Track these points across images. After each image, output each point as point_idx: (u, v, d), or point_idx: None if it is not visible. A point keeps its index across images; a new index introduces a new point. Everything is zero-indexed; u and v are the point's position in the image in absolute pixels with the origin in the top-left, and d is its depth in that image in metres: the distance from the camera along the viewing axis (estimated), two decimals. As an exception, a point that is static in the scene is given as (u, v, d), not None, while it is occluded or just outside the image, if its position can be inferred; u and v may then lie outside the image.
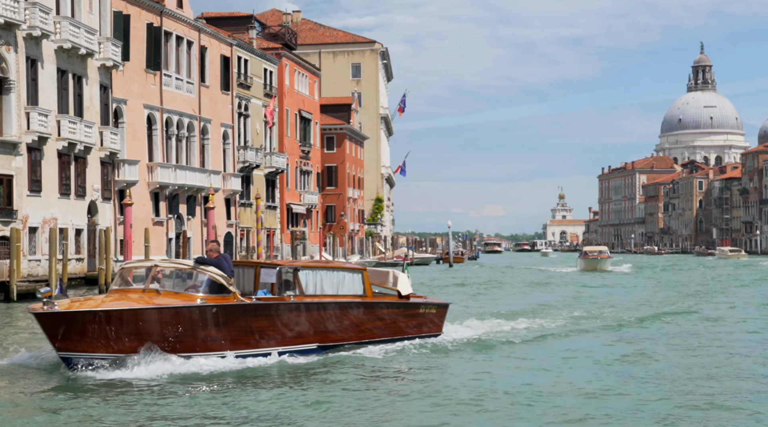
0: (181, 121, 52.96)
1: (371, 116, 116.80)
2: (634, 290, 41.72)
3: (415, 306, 19.43)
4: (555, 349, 18.73)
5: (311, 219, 77.85)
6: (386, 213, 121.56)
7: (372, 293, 18.47)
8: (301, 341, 16.88)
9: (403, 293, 19.11)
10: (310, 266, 17.66)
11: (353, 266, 18.89)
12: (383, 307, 18.69)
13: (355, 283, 18.08)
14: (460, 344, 18.97)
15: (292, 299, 16.64)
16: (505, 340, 19.69)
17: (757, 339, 20.69)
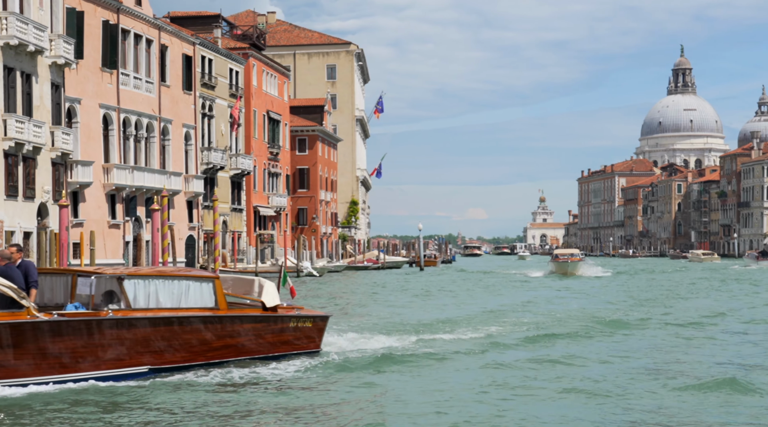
0: (140, 122, 51.71)
1: (346, 118, 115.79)
2: (592, 295, 40.04)
3: (283, 320, 16.94)
4: (442, 371, 16.15)
5: (280, 222, 76.66)
6: (362, 216, 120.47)
7: (226, 305, 16.07)
8: (127, 364, 14.45)
9: (268, 304, 16.66)
10: (142, 274, 15.22)
11: (202, 273, 16.37)
12: (240, 321, 16.18)
13: (203, 294, 15.67)
14: (340, 364, 16.45)
15: (111, 313, 14.27)
16: (399, 358, 17.18)
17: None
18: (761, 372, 16.07)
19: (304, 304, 33.46)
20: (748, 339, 21.49)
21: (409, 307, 32.72)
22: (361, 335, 20.73)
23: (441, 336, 21.20)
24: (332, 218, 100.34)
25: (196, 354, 15.41)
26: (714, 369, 16.38)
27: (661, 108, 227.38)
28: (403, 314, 28.95)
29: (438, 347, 19.10)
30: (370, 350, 18.15)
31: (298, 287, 46.89)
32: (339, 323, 23.39)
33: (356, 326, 23.28)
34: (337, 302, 36.31)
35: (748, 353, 18.74)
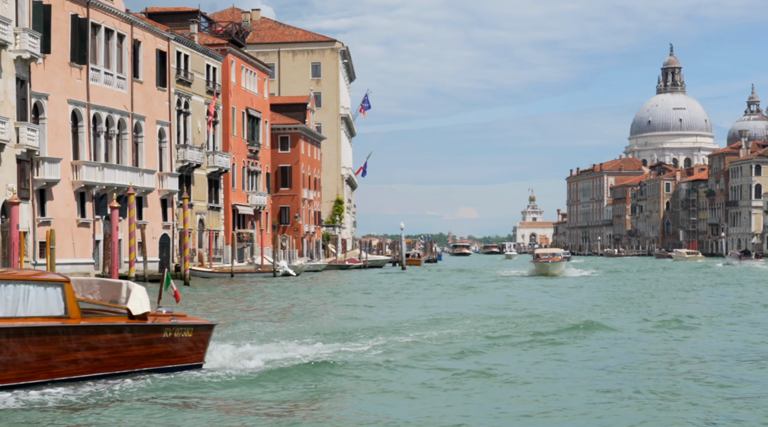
0: (111, 118, 50.69)
1: (331, 116, 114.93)
2: (563, 296, 38.63)
3: (153, 329, 14.81)
4: (336, 383, 14.67)
5: (260, 221, 75.66)
6: (347, 215, 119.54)
7: (79, 313, 13.93)
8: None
9: (135, 312, 14.58)
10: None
11: (48, 276, 14.15)
12: (96, 332, 14.07)
13: (48, 300, 13.59)
14: (223, 381, 14.52)
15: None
16: (291, 371, 15.39)
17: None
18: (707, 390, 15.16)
19: (261, 305, 32.38)
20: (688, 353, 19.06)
21: (368, 309, 31.62)
22: (266, 345, 18.43)
23: (361, 345, 19.21)
24: (316, 217, 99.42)
25: (35, 371, 13.37)
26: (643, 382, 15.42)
27: (651, 107, 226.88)
28: (354, 317, 27.58)
29: (349, 356, 17.33)
30: (264, 361, 16.21)
31: (269, 288, 46.20)
32: (261, 330, 21.84)
33: (278, 333, 21.15)
34: (291, 303, 35.20)
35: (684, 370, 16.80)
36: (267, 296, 39.69)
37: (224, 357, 16.52)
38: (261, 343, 18.86)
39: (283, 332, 21.55)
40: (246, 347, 17.94)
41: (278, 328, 23.04)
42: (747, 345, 20.16)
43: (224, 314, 28.70)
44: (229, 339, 19.06)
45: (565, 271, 61.24)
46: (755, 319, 26.72)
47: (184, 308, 31.47)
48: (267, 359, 16.53)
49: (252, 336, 20.27)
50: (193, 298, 37.34)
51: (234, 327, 22.90)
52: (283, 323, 25.03)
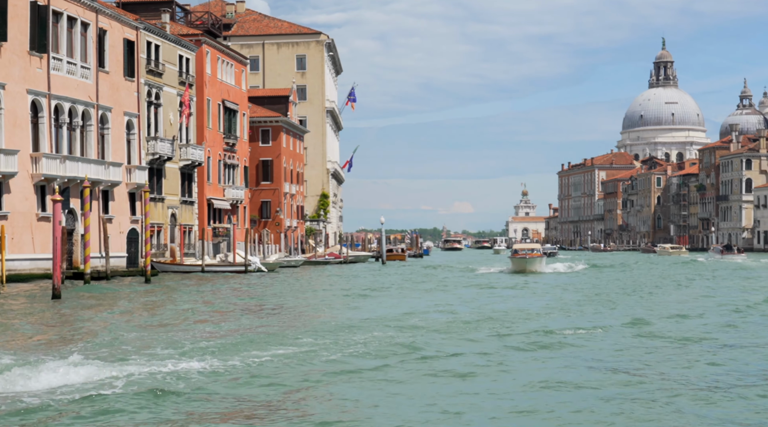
0: (75, 109, 49.08)
1: (317, 109, 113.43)
2: (523, 296, 36.28)
3: None
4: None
5: (237, 215, 74.12)
6: (333, 210, 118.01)
7: None
8: None
9: None
10: None
11: None
12: None
13: None
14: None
15: None
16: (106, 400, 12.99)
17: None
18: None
19: (193, 306, 29.97)
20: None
21: (311, 309, 30.10)
22: (115, 362, 16.11)
23: (235, 359, 16.77)
24: (299, 212, 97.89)
25: None
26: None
27: (643, 101, 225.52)
28: (277, 321, 25.93)
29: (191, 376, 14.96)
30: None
31: (230, 285, 44.61)
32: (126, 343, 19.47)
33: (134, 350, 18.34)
34: (233, 303, 33.63)
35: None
36: (216, 293, 38.24)
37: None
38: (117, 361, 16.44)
39: (144, 345, 18.94)
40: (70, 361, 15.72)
41: (151, 338, 20.55)
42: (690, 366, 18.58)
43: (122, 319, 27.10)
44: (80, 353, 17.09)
45: (545, 267, 58.77)
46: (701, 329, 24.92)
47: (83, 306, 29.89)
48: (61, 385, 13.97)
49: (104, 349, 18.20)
50: (125, 297, 35.89)
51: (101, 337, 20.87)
52: (183, 333, 22.18)
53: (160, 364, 15.95)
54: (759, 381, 14.93)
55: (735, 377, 15.27)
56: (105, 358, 16.88)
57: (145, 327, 23.36)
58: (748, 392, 13.84)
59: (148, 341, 20.01)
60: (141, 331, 22.28)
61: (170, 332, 22.13)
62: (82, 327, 23.64)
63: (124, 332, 21.88)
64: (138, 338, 20.64)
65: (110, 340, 20.17)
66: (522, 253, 58.58)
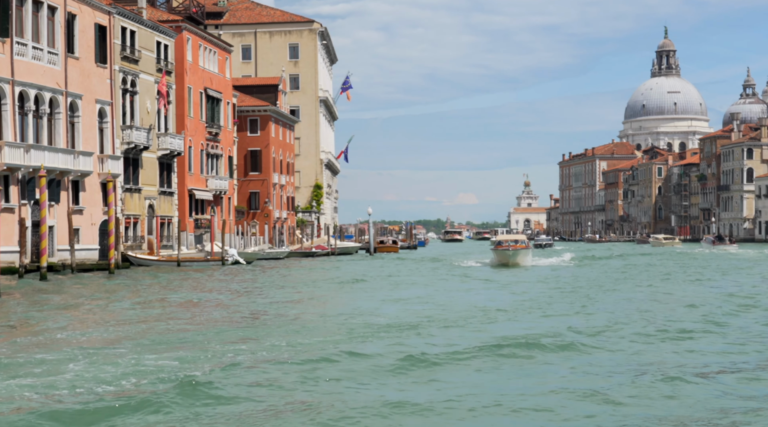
0: (41, 96, 47.30)
1: (310, 99, 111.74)
2: (499, 291, 33.66)
3: None
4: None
5: (221, 206, 72.36)
6: (327, 200, 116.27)
7: None
8: None
9: None
10: None
11: None
12: None
13: None
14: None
15: None
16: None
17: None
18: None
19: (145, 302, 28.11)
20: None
21: (249, 305, 28.28)
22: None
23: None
24: (289, 202, 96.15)
25: None
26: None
27: (645, 91, 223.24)
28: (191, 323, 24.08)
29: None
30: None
31: (201, 277, 42.84)
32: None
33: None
34: (185, 298, 31.93)
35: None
36: (173, 287, 36.49)
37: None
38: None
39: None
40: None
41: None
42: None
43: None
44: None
45: (530, 260, 55.27)
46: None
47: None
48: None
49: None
50: (72, 292, 34.18)
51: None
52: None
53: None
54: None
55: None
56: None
57: (47, 331, 21.29)
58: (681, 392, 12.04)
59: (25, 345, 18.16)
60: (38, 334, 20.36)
61: (66, 334, 20.21)
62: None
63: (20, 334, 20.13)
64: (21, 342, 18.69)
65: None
66: (505, 245, 54.86)
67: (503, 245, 55.16)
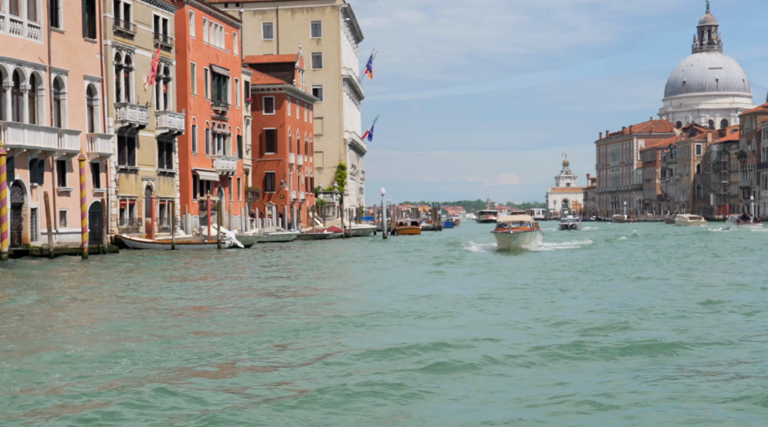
0: (21, 72, 44.94)
1: (333, 78, 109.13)
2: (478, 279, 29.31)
3: None
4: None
5: (230, 187, 69.88)
6: (351, 181, 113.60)
7: None
8: None
9: None
10: None
11: None
12: None
13: None
14: None
15: None
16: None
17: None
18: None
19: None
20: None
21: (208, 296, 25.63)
22: None
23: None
24: (307, 183, 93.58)
25: None
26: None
27: (686, 67, 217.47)
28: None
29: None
30: None
31: (186, 261, 40.27)
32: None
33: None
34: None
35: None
36: (145, 273, 33.92)
37: None
38: None
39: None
40: None
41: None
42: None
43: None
44: None
45: (536, 243, 49.11)
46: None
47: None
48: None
49: None
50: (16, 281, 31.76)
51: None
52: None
53: None
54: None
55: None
56: None
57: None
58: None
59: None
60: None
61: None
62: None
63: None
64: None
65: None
66: (506, 227, 48.55)
67: (505, 227, 49.10)
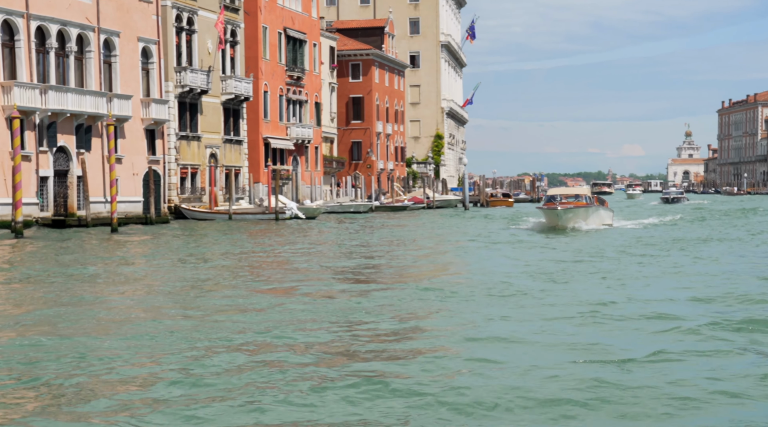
0: (66, 33, 42.93)
1: (430, 44, 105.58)
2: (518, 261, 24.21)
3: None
4: None
5: (306, 156, 67.22)
6: (449, 151, 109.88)
7: None
8: None
9: None
10: None
11: None
12: None
13: None
14: None
15: None
16: None
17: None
18: None
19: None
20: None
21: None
22: None
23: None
24: (397, 153, 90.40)
25: None
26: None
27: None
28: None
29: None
30: None
31: (225, 234, 37.60)
32: None
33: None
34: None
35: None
36: (165, 247, 31.38)
37: None
38: None
39: None
40: None
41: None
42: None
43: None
44: None
45: (591, 221, 39.54)
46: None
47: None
48: None
49: None
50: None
51: None
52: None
53: None
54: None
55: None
56: None
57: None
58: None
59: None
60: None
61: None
62: None
63: None
64: None
65: None
66: (555, 202, 39.99)
67: (553, 201, 40.49)
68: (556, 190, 43.45)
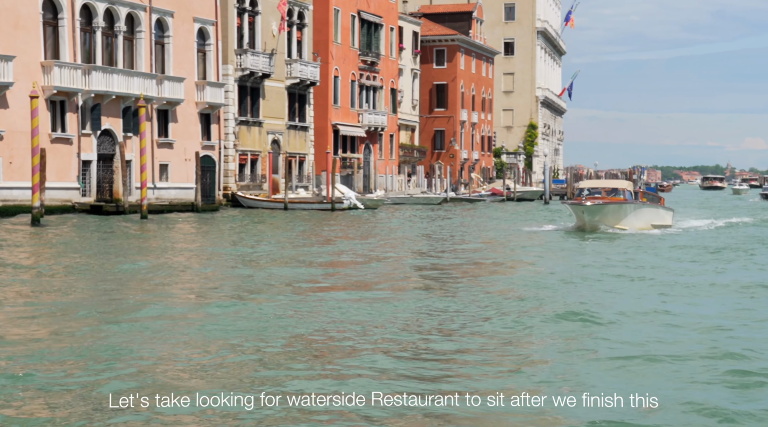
0: (115, 11, 41.43)
1: (526, 31, 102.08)
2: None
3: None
4: None
5: (380, 144, 64.80)
6: (543, 142, 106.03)
7: None
8: None
9: None
10: None
11: None
12: None
13: None
14: None
15: None
16: None
17: None
18: None
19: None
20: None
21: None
22: None
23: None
24: (484, 143, 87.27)
25: None
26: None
27: None
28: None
29: None
30: None
31: (274, 225, 35.58)
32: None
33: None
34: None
35: None
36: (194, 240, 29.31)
37: None
38: None
39: None
40: None
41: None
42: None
43: None
44: None
45: (636, 222, 32.66)
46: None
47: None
48: None
49: None
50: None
51: None
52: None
53: None
54: None
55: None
56: None
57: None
58: None
59: None
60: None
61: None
62: None
63: None
64: None
65: None
66: (582, 197, 32.67)
67: (582, 196, 33.13)
68: (589, 183, 36.15)
